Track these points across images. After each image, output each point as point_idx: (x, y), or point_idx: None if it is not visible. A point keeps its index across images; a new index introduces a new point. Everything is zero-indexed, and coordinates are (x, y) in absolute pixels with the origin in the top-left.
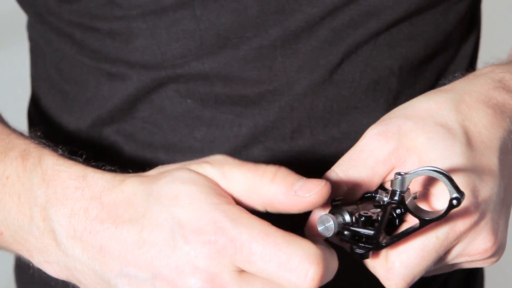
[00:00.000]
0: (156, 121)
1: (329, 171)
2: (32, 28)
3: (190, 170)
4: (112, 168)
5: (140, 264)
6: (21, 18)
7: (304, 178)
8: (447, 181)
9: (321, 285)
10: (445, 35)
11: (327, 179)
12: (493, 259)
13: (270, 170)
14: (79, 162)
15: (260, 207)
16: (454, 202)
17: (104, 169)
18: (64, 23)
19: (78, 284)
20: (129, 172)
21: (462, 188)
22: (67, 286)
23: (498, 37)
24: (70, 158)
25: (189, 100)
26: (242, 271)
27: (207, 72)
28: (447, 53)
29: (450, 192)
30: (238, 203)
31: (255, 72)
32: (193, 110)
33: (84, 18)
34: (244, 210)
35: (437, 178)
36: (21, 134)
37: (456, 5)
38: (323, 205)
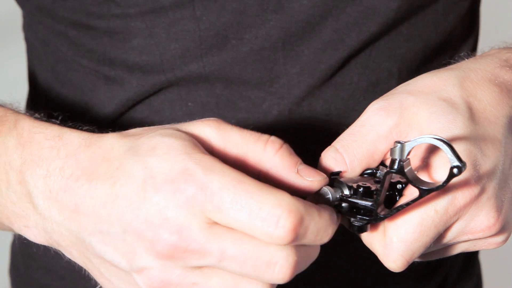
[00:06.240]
0: (153, 123)
1: (329, 146)
2: (28, 28)
3: (178, 128)
4: (90, 128)
5: (112, 219)
6: (20, 18)
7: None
8: (448, 149)
9: (298, 238)
10: (444, 36)
11: (327, 155)
12: (498, 240)
13: (275, 141)
14: (56, 123)
15: (253, 173)
16: (455, 170)
17: (81, 129)
18: (57, 21)
19: (57, 247)
20: (109, 132)
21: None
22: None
23: (496, 38)
24: (47, 121)
25: (189, 103)
26: (212, 223)
27: (207, 73)
28: (446, 54)
29: (451, 160)
30: (232, 165)
31: (256, 74)
32: (194, 113)
33: (79, 16)
34: (219, 160)
35: (438, 146)
36: None
37: (456, 5)
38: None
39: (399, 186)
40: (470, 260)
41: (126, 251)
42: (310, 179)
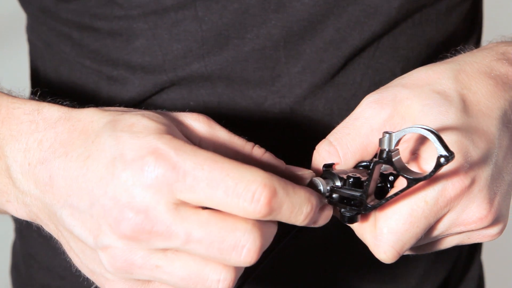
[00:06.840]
0: None
1: (323, 139)
2: (31, 30)
3: (167, 114)
4: (71, 103)
5: (81, 194)
6: (22, 18)
7: None
8: (435, 139)
9: (273, 213)
10: (447, 35)
11: (321, 148)
12: (492, 232)
13: (260, 147)
14: (34, 99)
15: None
16: (442, 160)
17: (61, 104)
18: (60, 22)
19: (38, 221)
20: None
21: (452, 150)
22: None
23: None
24: (25, 97)
25: (191, 103)
26: (179, 204)
27: (209, 73)
28: (449, 54)
29: (438, 150)
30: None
31: (258, 73)
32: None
33: (82, 17)
34: (190, 142)
35: (426, 135)
36: None
37: (459, 4)
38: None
39: (391, 177)
40: (472, 261)
41: (92, 227)
42: (301, 173)
